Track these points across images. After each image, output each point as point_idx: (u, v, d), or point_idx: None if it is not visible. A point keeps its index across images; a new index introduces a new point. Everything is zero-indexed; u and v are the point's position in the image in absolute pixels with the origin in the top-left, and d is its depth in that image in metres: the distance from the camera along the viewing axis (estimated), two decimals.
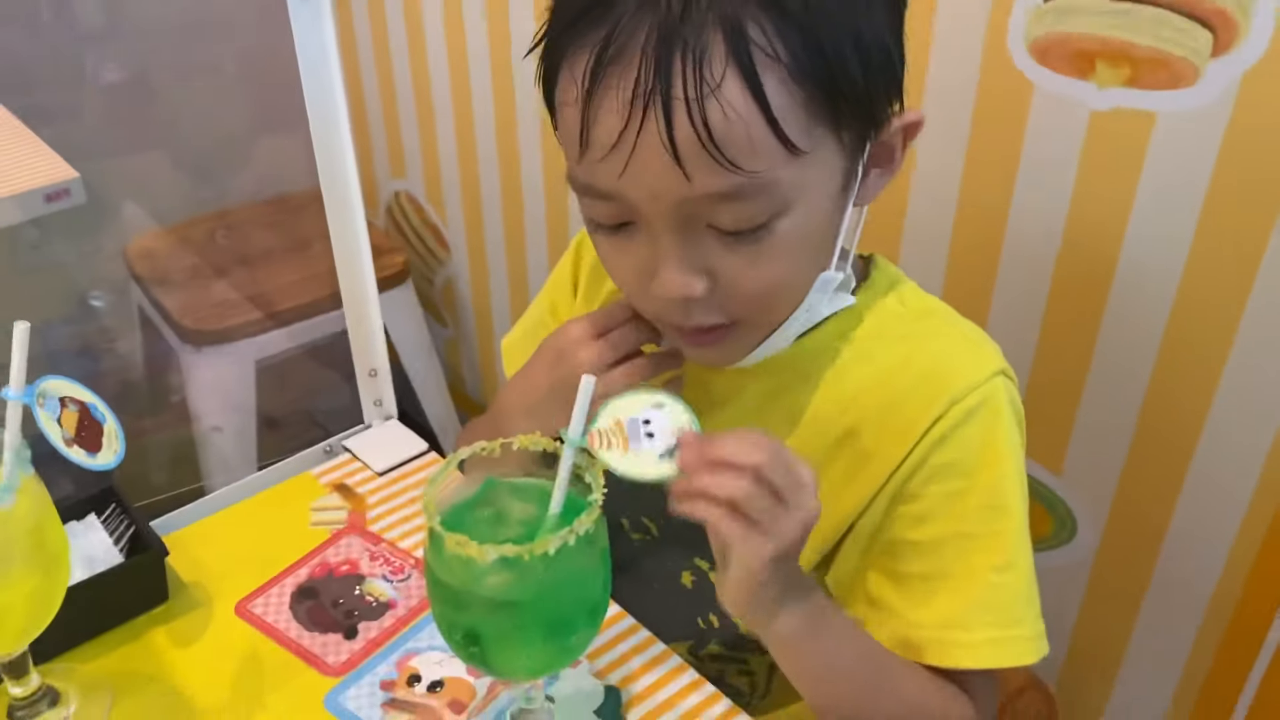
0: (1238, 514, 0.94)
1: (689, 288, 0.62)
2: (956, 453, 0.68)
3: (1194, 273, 0.89)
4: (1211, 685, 1.02)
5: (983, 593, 0.68)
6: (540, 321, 0.90)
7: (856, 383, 0.72)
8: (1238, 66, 0.80)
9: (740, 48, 0.56)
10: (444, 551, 0.57)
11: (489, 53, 1.52)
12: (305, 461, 0.95)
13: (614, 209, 0.62)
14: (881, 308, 0.73)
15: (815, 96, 0.58)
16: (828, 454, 0.72)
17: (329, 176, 0.86)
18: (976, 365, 0.70)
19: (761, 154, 0.58)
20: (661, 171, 0.58)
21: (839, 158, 0.62)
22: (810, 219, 0.63)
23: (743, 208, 0.60)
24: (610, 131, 0.58)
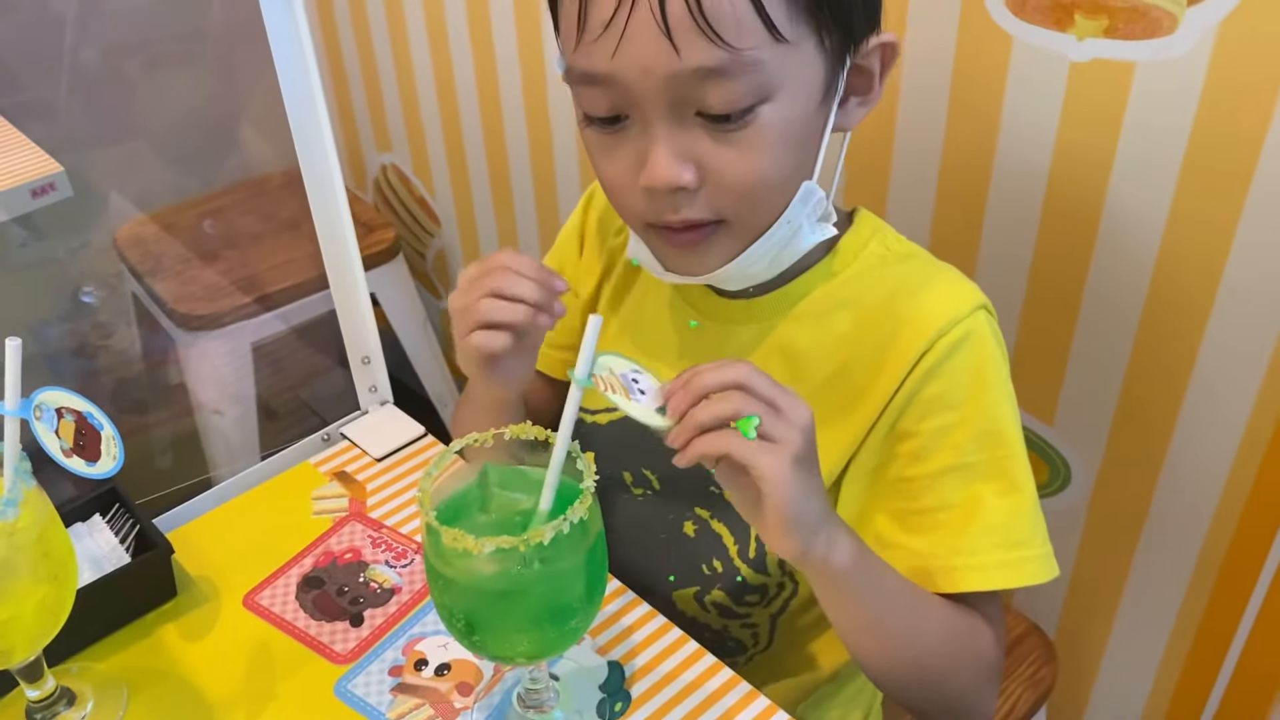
0: (1229, 453, 0.95)
1: (678, 175, 0.65)
2: (945, 384, 0.70)
3: (1178, 219, 0.89)
4: (1207, 623, 1.04)
5: (988, 516, 0.70)
6: None
7: (843, 322, 0.74)
8: (1214, 14, 0.80)
9: None
10: (441, 545, 0.58)
11: (468, 21, 1.50)
12: (304, 450, 0.96)
13: (607, 95, 0.65)
14: (866, 252, 0.76)
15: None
16: (820, 392, 0.74)
17: (310, 169, 0.86)
18: (958, 300, 0.72)
19: (746, 32, 0.61)
20: (652, 47, 0.61)
21: (820, 59, 0.66)
22: (793, 111, 0.65)
23: (729, 87, 0.62)
24: (605, 9, 0.61)
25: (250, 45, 1.76)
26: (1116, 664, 1.15)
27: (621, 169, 0.68)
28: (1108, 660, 1.15)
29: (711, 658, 0.74)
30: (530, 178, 1.56)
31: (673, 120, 0.64)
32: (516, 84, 1.48)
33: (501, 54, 1.47)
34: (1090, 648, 1.15)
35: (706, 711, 0.71)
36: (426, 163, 1.80)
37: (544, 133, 1.48)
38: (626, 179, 0.67)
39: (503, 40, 1.46)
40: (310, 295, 1.65)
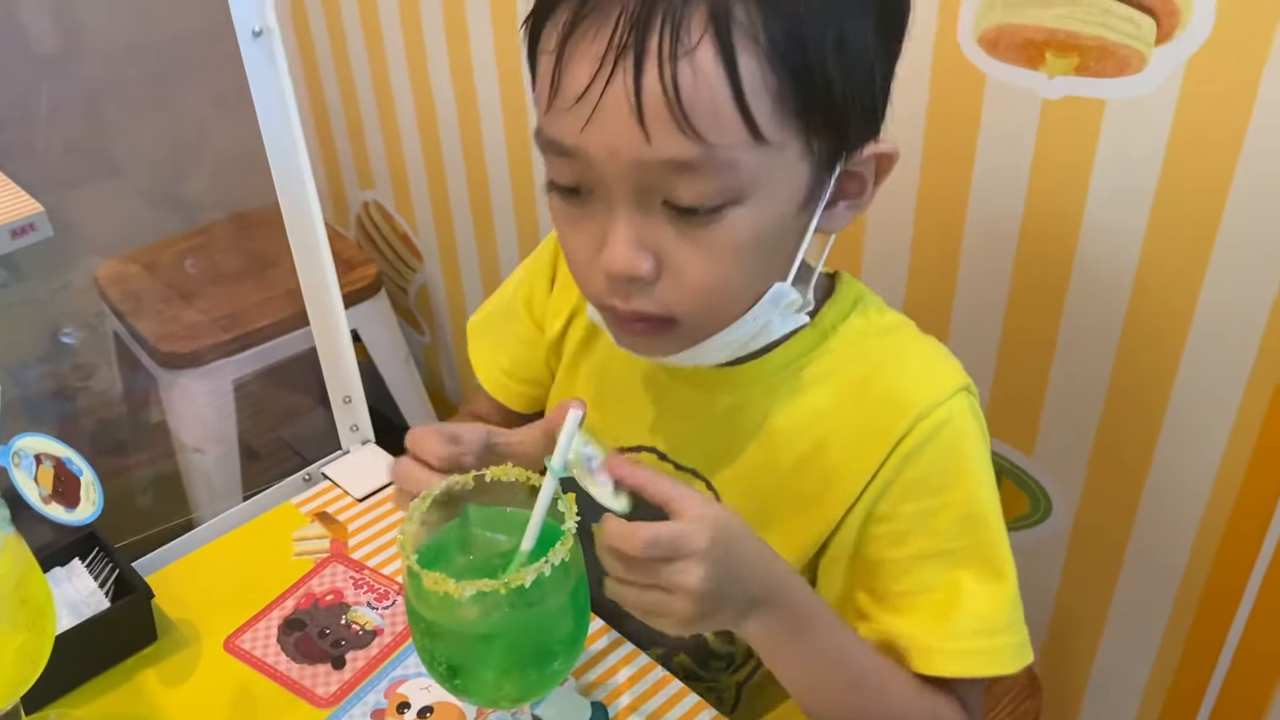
0: (1206, 482, 0.96)
1: (636, 264, 0.62)
2: (925, 469, 0.69)
3: (1151, 251, 0.90)
4: (1189, 652, 1.05)
5: (968, 603, 0.69)
6: (510, 311, 0.89)
7: (822, 399, 0.72)
8: (1182, 52, 0.81)
9: (721, 20, 0.56)
10: (423, 588, 0.58)
11: (448, 58, 1.52)
12: (285, 491, 0.96)
13: (573, 167, 0.62)
14: (846, 324, 0.74)
15: (788, 88, 0.58)
16: (795, 470, 0.73)
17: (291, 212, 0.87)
18: (939, 382, 0.71)
19: (725, 129, 0.58)
20: (624, 129, 0.58)
21: (805, 164, 0.62)
22: (767, 218, 0.62)
23: (699, 181, 0.59)
24: (580, 80, 0.58)
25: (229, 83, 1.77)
26: (1100, 695, 1.15)
27: (582, 244, 0.65)
28: (1091, 691, 1.15)
29: (695, 697, 0.74)
30: (512, 211, 1.57)
31: (637, 206, 0.61)
32: (498, 119, 1.49)
33: (483, 90, 1.49)
34: (1074, 679, 1.16)
35: None
36: (409, 199, 1.81)
37: (525, 166, 1.49)
38: (586, 255, 0.65)
39: (484, 76, 1.47)
40: (292, 332, 1.64)
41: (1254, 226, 0.83)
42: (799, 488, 0.72)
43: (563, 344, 0.85)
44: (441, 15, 1.48)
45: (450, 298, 1.85)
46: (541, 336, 0.86)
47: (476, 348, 0.92)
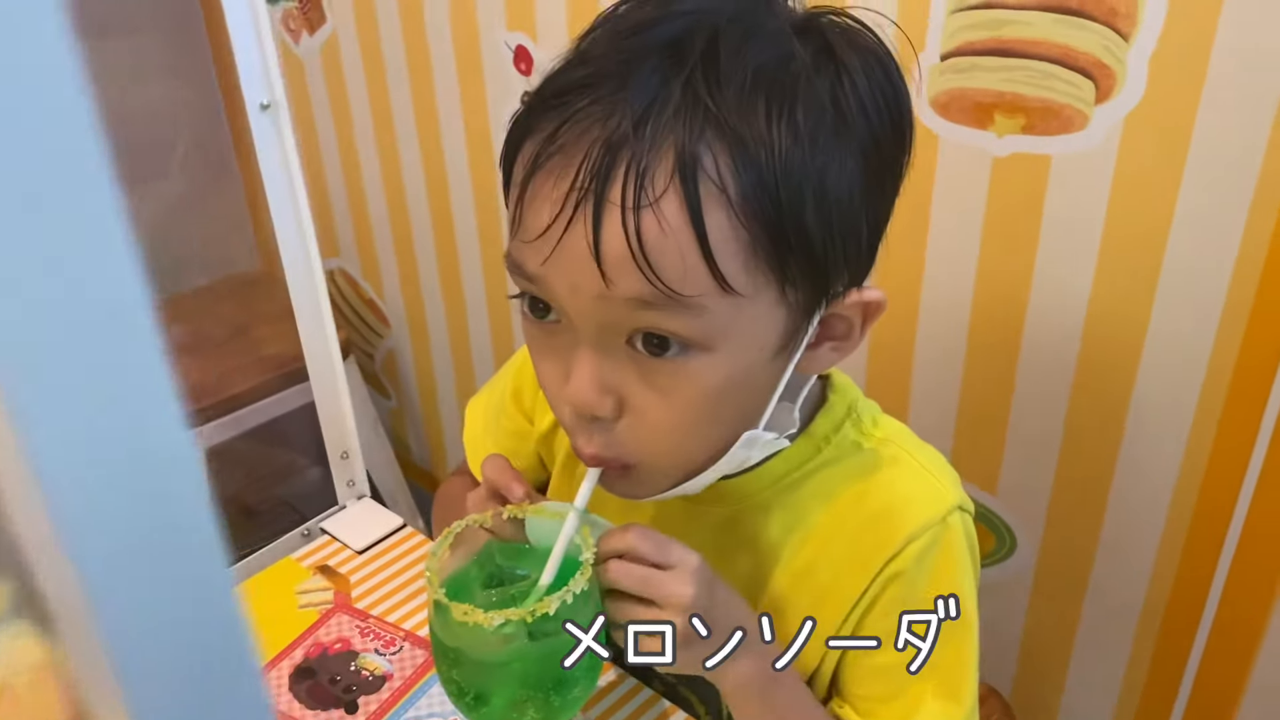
0: (1161, 513, 1.01)
1: (597, 404, 0.60)
2: (907, 589, 0.69)
3: (1098, 296, 0.96)
4: (1154, 675, 1.09)
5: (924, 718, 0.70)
6: (502, 409, 0.88)
7: (814, 516, 0.71)
8: (1120, 110, 0.89)
9: (688, 171, 0.53)
10: (451, 620, 0.61)
11: (416, 128, 1.56)
12: (284, 547, 0.98)
13: (540, 293, 0.60)
14: (840, 436, 0.71)
15: (760, 240, 0.55)
16: (789, 587, 0.72)
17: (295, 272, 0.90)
18: (932, 502, 0.69)
19: (691, 280, 0.54)
20: (584, 269, 0.55)
21: (781, 312, 0.59)
22: (735, 366, 0.59)
23: (663, 319, 0.56)
24: (541, 220, 0.56)
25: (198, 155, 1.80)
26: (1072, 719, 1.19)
27: (550, 372, 0.63)
28: (1063, 717, 1.19)
29: None
30: (481, 275, 1.61)
31: (599, 344, 0.58)
32: (466, 183, 1.53)
33: (450, 154, 1.53)
34: (1045, 706, 1.20)
35: None
36: (376, 266, 1.84)
37: (494, 230, 1.54)
38: (555, 386, 0.63)
39: (451, 142, 1.51)
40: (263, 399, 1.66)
41: (1194, 269, 0.90)
42: (791, 607, 0.72)
43: (554, 440, 0.83)
44: (408, 80, 1.53)
45: (418, 363, 1.88)
46: (531, 429, 0.85)
47: (470, 428, 0.91)
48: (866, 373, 1.16)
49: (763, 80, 0.55)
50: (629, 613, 0.64)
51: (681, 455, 0.63)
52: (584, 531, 0.64)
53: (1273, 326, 0.88)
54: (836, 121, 0.57)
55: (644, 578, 0.62)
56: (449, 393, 1.85)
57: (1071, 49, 0.88)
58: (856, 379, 1.13)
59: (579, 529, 0.64)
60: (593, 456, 0.63)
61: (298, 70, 1.75)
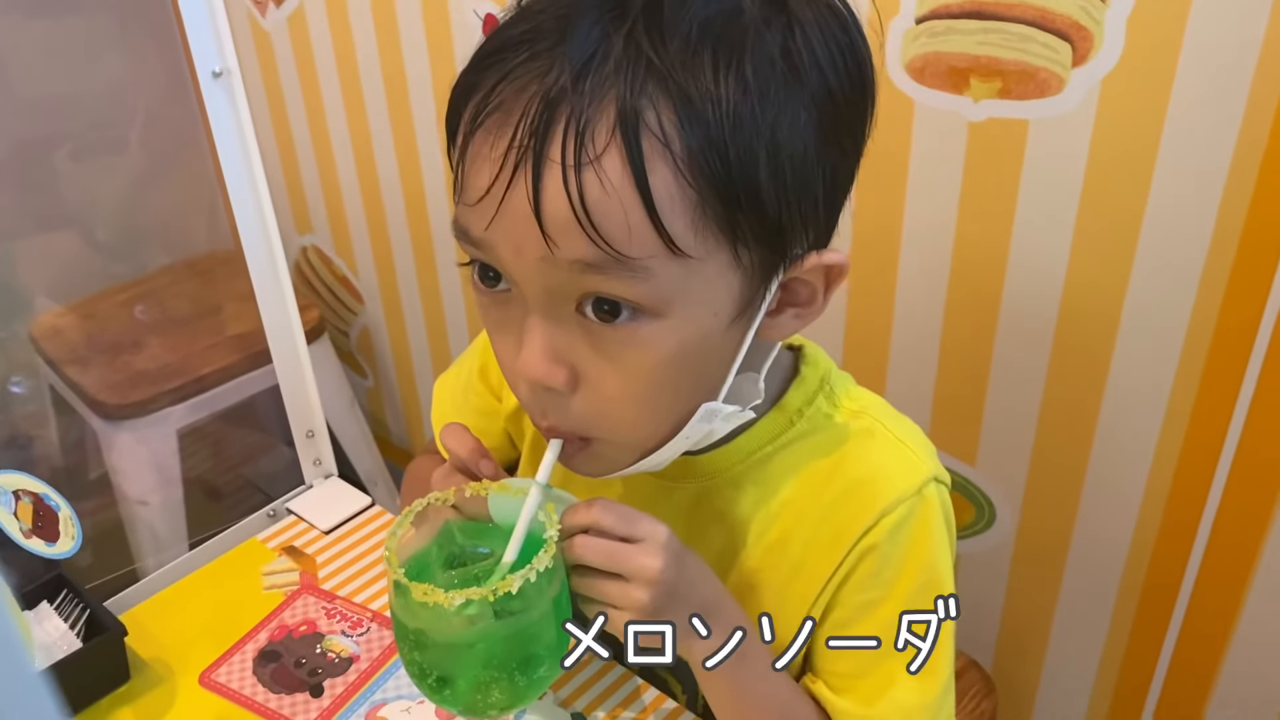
0: (1139, 483, 1.01)
1: (548, 375, 0.58)
2: (881, 562, 0.68)
3: (1077, 262, 0.95)
4: (1134, 644, 1.09)
5: (897, 695, 0.69)
6: (470, 385, 0.86)
7: (787, 490, 0.70)
8: (1097, 73, 0.87)
9: (630, 126, 0.51)
10: (411, 601, 0.59)
11: (386, 102, 1.54)
12: (250, 528, 0.96)
13: (486, 258, 0.58)
14: (813, 409, 0.70)
15: (710, 200, 0.53)
16: (762, 562, 0.71)
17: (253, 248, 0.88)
18: (907, 473, 0.68)
19: (637, 240, 0.53)
20: (527, 231, 0.53)
21: (735, 276, 0.57)
22: (689, 334, 0.57)
23: (610, 283, 0.54)
24: (482, 181, 0.54)
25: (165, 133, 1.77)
26: (1053, 689, 1.19)
27: (505, 349, 0.61)
28: (1044, 687, 1.19)
29: (672, 703, 0.76)
30: (453, 250, 1.59)
31: (549, 314, 0.57)
32: (436, 156, 1.51)
33: (421, 128, 1.50)
34: (1026, 677, 1.20)
35: None
36: (348, 242, 1.81)
37: None
38: (508, 360, 0.61)
39: (422, 114, 1.49)
40: (235, 379, 1.64)
41: (1172, 232, 0.89)
42: (765, 582, 0.71)
43: (523, 418, 0.82)
44: (377, 54, 1.50)
45: (393, 339, 1.85)
46: (499, 406, 0.84)
47: (438, 406, 0.90)
48: (844, 341, 1.15)
49: (709, 32, 0.53)
50: (596, 588, 0.62)
51: (639, 427, 0.62)
52: (548, 508, 0.63)
53: (1250, 295, 0.87)
54: (788, 74, 0.54)
55: (610, 552, 0.61)
56: (425, 370, 1.82)
57: (1048, 11, 0.86)
58: (833, 348, 1.12)
59: (542, 505, 0.62)
60: (549, 429, 0.62)
61: (265, 44, 1.71)
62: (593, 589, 0.62)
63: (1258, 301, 0.87)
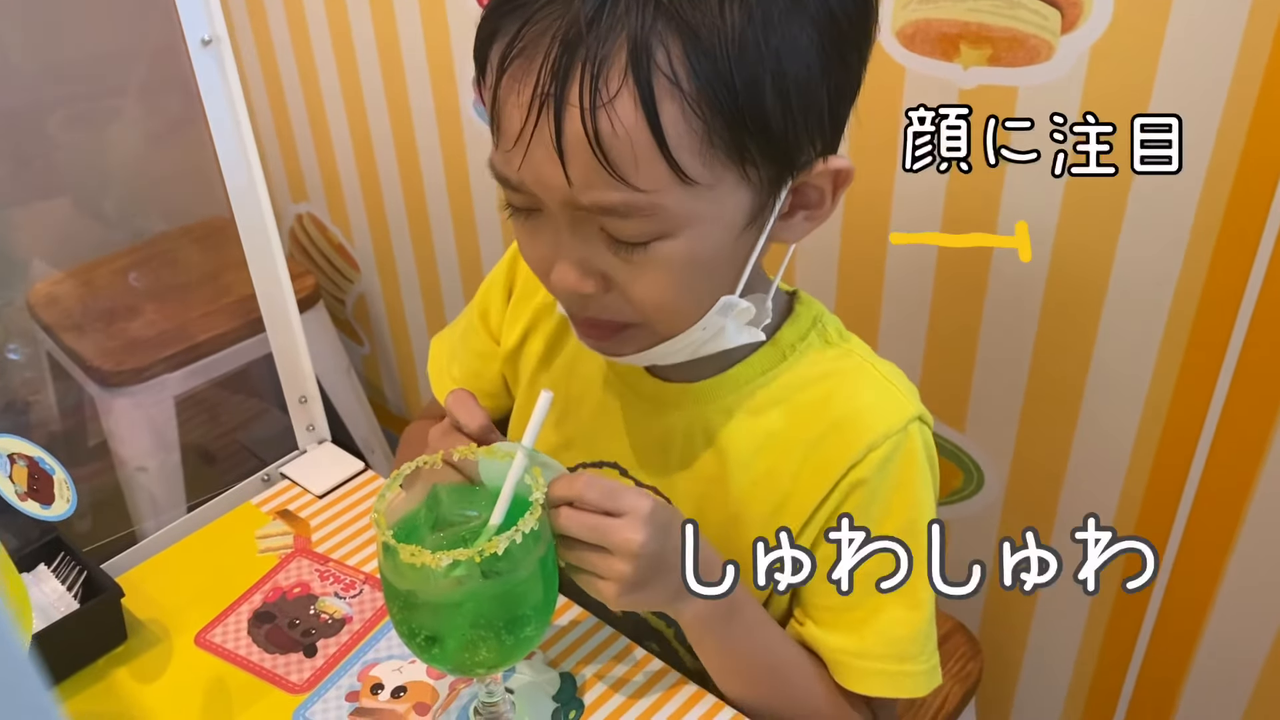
0: (1126, 447, 1.02)
1: (580, 285, 0.64)
2: (868, 497, 0.70)
3: (1065, 230, 0.95)
4: (1118, 609, 1.10)
5: (883, 627, 0.71)
6: (470, 327, 0.89)
7: (777, 422, 0.72)
8: (1086, 39, 0.87)
9: (641, 67, 0.54)
10: (399, 562, 0.60)
11: (379, 66, 1.53)
12: (244, 492, 0.97)
13: (521, 197, 0.63)
14: (805, 344, 0.73)
15: (718, 129, 0.57)
16: (749, 492, 0.73)
17: (244, 215, 0.88)
18: (894, 411, 0.71)
19: (649, 175, 0.57)
20: (552, 171, 0.58)
21: (744, 192, 0.61)
22: (700, 247, 0.62)
23: (627, 223, 0.59)
24: (513, 124, 0.58)
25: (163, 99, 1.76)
26: (1038, 654, 1.20)
27: (540, 255, 0.66)
28: (1030, 650, 1.21)
29: (658, 662, 0.77)
30: (449, 217, 1.59)
31: (577, 233, 0.62)
32: (432, 124, 1.51)
33: (415, 94, 1.50)
34: (1013, 640, 1.21)
35: (657, 713, 0.74)
36: (344, 209, 1.81)
37: (461, 172, 1.51)
38: (544, 267, 0.66)
39: (416, 81, 1.49)
40: (233, 345, 1.64)
41: (1160, 200, 0.89)
42: (754, 510, 0.73)
43: (519, 358, 0.85)
44: (371, 22, 1.50)
45: (389, 307, 1.86)
46: (496, 349, 0.87)
47: (435, 360, 0.92)
48: (835, 307, 1.14)
49: None
50: (581, 559, 0.65)
51: (671, 317, 0.66)
52: (534, 471, 0.64)
53: (1236, 259, 0.87)
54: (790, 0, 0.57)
55: (593, 525, 0.63)
56: (421, 338, 1.83)
57: None
58: None
59: (528, 468, 0.63)
60: (589, 321, 0.67)
61: (259, 9, 1.71)
62: (579, 559, 0.65)
63: (1244, 265, 0.87)
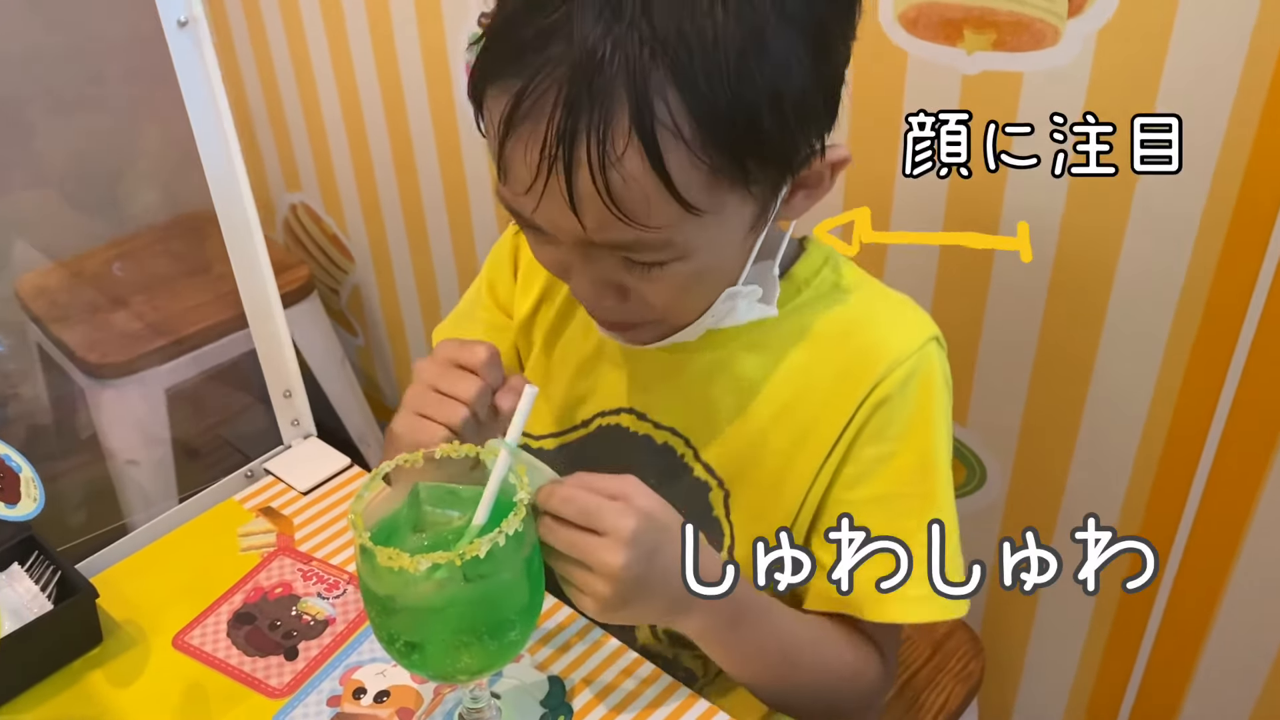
0: (1131, 445, 0.99)
1: (599, 300, 0.67)
2: (890, 416, 0.72)
3: (1071, 220, 0.93)
4: (1123, 608, 1.08)
5: (915, 551, 0.69)
6: (478, 301, 0.89)
7: (797, 353, 0.74)
8: (1093, 24, 0.84)
9: (644, 122, 0.56)
10: (377, 565, 0.58)
11: (373, 55, 1.51)
12: (227, 488, 0.94)
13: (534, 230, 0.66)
14: (819, 279, 0.76)
15: (721, 165, 0.59)
16: (772, 423, 0.75)
17: (225, 205, 0.86)
18: (911, 332, 0.73)
19: (659, 214, 0.60)
20: (565, 218, 0.61)
21: (748, 205, 0.64)
22: (710, 261, 0.65)
23: (641, 253, 0.63)
24: (522, 179, 0.60)
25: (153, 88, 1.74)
26: (1041, 653, 1.18)
27: (555, 261, 0.68)
28: (1033, 650, 1.18)
29: (650, 666, 0.75)
30: (444, 208, 1.56)
31: (591, 258, 0.65)
32: (425, 114, 1.49)
33: (409, 84, 1.48)
34: (1015, 640, 1.19)
35: (649, 718, 0.71)
36: (338, 200, 1.79)
37: (456, 162, 1.49)
38: (562, 270, 0.68)
39: (409, 71, 1.46)
40: (224, 338, 1.62)
41: (1168, 190, 0.86)
42: (776, 443, 0.74)
43: (533, 325, 0.85)
44: (364, 10, 1.47)
45: (384, 298, 1.83)
46: (509, 322, 0.87)
47: None
48: None
49: None
50: (564, 570, 0.64)
51: (681, 315, 0.71)
52: (519, 470, 0.61)
53: (1248, 250, 0.85)
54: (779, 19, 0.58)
55: (573, 542, 0.62)
56: (417, 329, 1.81)
57: None
58: None
59: (513, 467, 0.61)
60: (610, 324, 0.71)
61: None
62: (562, 570, 0.64)
63: (1255, 257, 0.85)
